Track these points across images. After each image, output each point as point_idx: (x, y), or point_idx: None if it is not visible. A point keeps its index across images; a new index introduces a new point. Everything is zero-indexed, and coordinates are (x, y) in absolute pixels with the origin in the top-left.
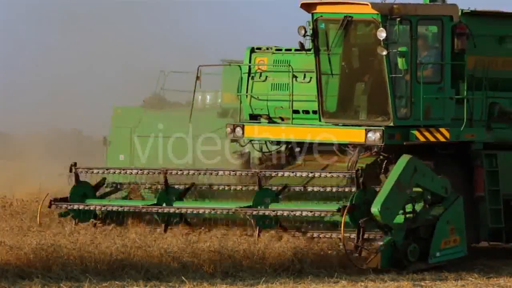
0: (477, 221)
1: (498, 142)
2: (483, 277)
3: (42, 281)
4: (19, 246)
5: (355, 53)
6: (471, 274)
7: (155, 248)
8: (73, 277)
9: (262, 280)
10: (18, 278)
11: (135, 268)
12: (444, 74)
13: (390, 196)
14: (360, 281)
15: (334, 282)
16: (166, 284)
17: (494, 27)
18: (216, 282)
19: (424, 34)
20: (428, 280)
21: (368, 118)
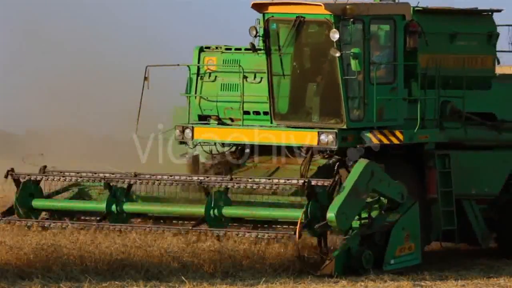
0: (429, 223)
1: (451, 142)
2: (483, 277)
3: (42, 281)
4: (19, 246)
5: (307, 54)
6: (471, 274)
7: (155, 248)
8: (73, 277)
9: (262, 280)
10: (18, 278)
11: (135, 268)
12: (397, 74)
13: (346, 201)
14: (360, 281)
15: (334, 282)
16: (166, 284)
17: (445, 24)
18: (216, 282)
19: (376, 33)
20: (428, 280)
21: (321, 120)
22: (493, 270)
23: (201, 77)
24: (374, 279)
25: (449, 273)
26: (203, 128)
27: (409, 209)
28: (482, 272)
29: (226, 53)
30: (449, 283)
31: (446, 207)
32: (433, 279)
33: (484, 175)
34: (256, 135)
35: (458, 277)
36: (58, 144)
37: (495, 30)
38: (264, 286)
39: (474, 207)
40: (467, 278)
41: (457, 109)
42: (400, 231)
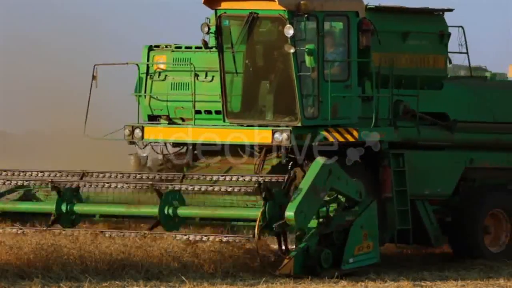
0: (384, 222)
1: (404, 141)
2: (483, 277)
3: (42, 281)
4: (19, 246)
5: (260, 51)
6: (471, 274)
7: (155, 248)
8: (73, 277)
9: (262, 280)
10: (18, 278)
11: (135, 268)
12: (351, 72)
13: (305, 199)
14: (360, 281)
15: (334, 282)
16: (166, 284)
17: (397, 23)
18: (216, 282)
19: (330, 30)
20: (428, 280)
21: (275, 118)
22: (493, 270)
23: (151, 76)
24: (374, 279)
25: (449, 273)
26: (154, 128)
27: (367, 207)
28: (482, 272)
29: (176, 52)
30: (449, 283)
31: (401, 206)
32: (433, 279)
33: (437, 176)
34: (208, 134)
35: (458, 277)
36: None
37: (446, 30)
38: (264, 286)
39: (427, 207)
40: (467, 278)
41: (410, 108)
42: (359, 230)
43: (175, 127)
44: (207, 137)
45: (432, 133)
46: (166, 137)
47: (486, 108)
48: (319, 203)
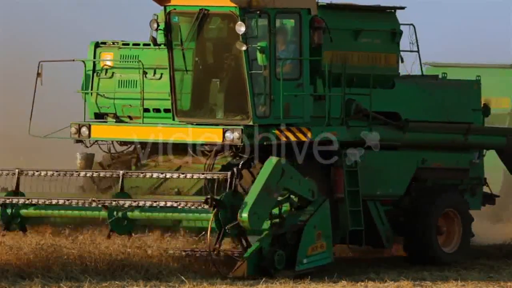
0: (336, 223)
1: (357, 141)
2: (483, 277)
3: (42, 281)
4: (19, 246)
5: (211, 48)
6: (471, 274)
7: (155, 248)
8: (73, 277)
9: (262, 280)
10: (18, 278)
11: (135, 268)
12: (303, 70)
13: (258, 200)
14: (360, 281)
15: (334, 282)
16: (166, 284)
17: (349, 21)
18: (216, 282)
19: (282, 28)
20: (428, 280)
21: (226, 116)
22: (493, 270)
23: (98, 73)
24: (374, 279)
25: (449, 273)
26: (100, 126)
27: (320, 206)
28: (482, 272)
29: (124, 49)
30: (449, 283)
31: (353, 207)
32: (433, 279)
33: (389, 176)
34: (157, 133)
35: (458, 277)
36: None
37: (398, 28)
38: (264, 286)
39: (379, 208)
40: (467, 278)
41: (362, 107)
42: (312, 230)
43: (122, 125)
44: (156, 136)
45: (384, 132)
46: (114, 135)
47: (438, 107)
48: (272, 204)
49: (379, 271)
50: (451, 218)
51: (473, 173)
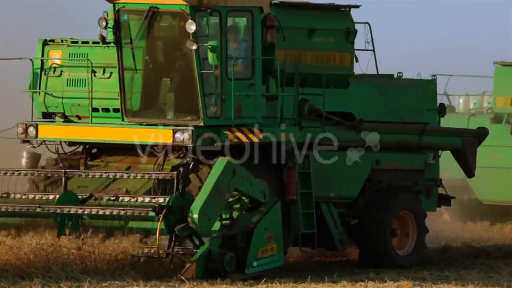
0: (288, 226)
1: (310, 141)
2: (483, 277)
3: (42, 281)
4: (19, 246)
5: (161, 47)
6: (471, 274)
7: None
8: (73, 277)
9: (263, 280)
10: (18, 278)
11: (135, 268)
12: (255, 70)
13: (208, 201)
14: (360, 281)
15: (334, 282)
16: (166, 284)
17: (303, 19)
18: (216, 282)
19: (234, 26)
20: (428, 280)
21: (176, 117)
22: (493, 270)
23: (46, 72)
24: (374, 279)
25: (449, 273)
26: (48, 126)
27: (271, 208)
28: (482, 272)
29: (73, 47)
30: (449, 283)
31: (306, 209)
32: (433, 279)
33: (342, 178)
34: (105, 133)
35: (458, 277)
36: None
37: (353, 26)
38: (264, 286)
39: (332, 210)
40: (467, 278)
41: (316, 108)
42: (263, 232)
43: (71, 125)
44: (105, 136)
45: (337, 133)
46: (62, 135)
47: (393, 107)
48: (223, 205)
49: (379, 271)
50: (405, 220)
51: (429, 174)
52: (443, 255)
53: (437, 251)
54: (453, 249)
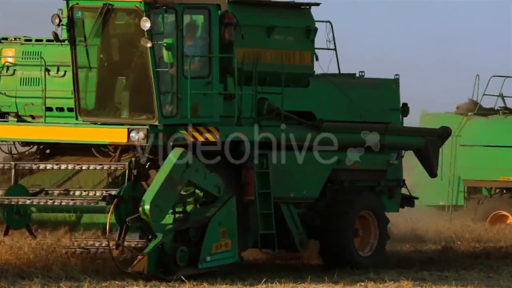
0: (247, 226)
1: (268, 141)
2: (483, 277)
3: (42, 281)
4: (19, 246)
5: (116, 45)
6: (471, 274)
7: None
8: (73, 277)
9: (263, 280)
10: (18, 278)
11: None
12: (212, 68)
13: (160, 192)
14: (360, 281)
15: (334, 282)
16: (166, 284)
17: (262, 17)
18: (216, 282)
19: (190, 24)
20: (428, 280)
21: (131, 116)
22: (493, 270)
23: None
24: (374, 279)
25: (449, 273)
26: (1, 126)
27: (225, 203)
28: (482, 272)
29: (26, 45)
30: (449, 283)
31: (264, 209)
32: (433, 279)
33: (303, 178)
34: (59, 133)
35: (458, 277)
36: None
37: (313, 25)
38: (264, 286)
39: (292, 211)
40: (467, 278)
41: (275, 107)
42: (216, 227)
43: (24, 125)
44: (59, 136)
45: (297, 133)
46: (15, 135)
47: (354, 107)
48: (175, 197)
49: (379, 271)
50: (367, 220)
51: (391, 175)
52: (443, 255)
53: (437, 251)
54: (453, 249)
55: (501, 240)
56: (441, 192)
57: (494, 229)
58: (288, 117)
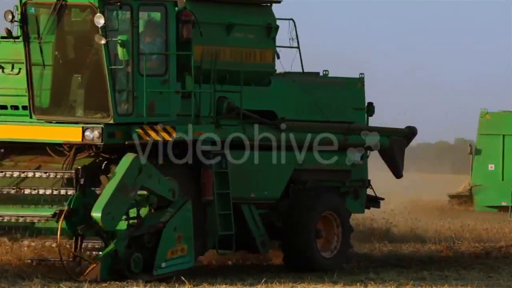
0: (205, 228)
1: (228, 140)
2: (483, 277)
3: (42, 281)
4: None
5: (70, 42)
6: (471, 274)
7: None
8: (72, 277)
9: (263, 281)
10: (18, 278)
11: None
12: (169, 66)
13: (112, 199)
14: (360, 281)
15: (334, 282)
16: (166, 284)
17: (221, 14)
18: (216, 282)
19: (146, 21)
20: (428, 280)
21: (86, 114)
22: (493, 270)
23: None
24: (374, 279)
25: (449, 273)
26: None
27: (180, 208)
28: (482, 272)
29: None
30: (449, 283)
31: (223, 210)
32: (433, 279)
33: (264, 178)
34: (14, 131)
35: (458, 277)
36: None
37: (274, 22)
38: (264, 286)
39: (253, 211)
40: (467, 278)
41: (235, 106)
42: (172, 232)
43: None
44: (13, 135)
45: (258, 132)
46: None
47: (317, 106)
48: (128, 203)
49: (379, 271)
50: (330, 221)
51: (356, 175)
52: (443, 255)
53: (437, 251)
54: (453, 249)
55: (501, 240)
56: (504, 193)
57: (494, 229)
58: (248, 116)
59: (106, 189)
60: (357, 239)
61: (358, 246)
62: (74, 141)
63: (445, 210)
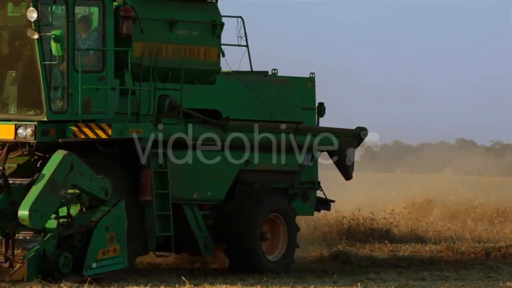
0: (144, 229)
1: (169, 140)
2: (483, 277)
3: (42, 281)
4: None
5: (3, 37)
6: (471, 274)
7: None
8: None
9: (263, 281)
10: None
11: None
12: (106, 62)
13: (41, 197)
14: (360, 281)
15: (334, 282)
16: (166, 284)
17: (163, 10)
18: (216, 282)
19: (83, 16)
20: (428, 280)
21: (19, 111)
22: (493, 270)
23: None
24: (374, 279)
25: (449, 273)
26: None
27: (113, 207)
28: (482, 272)
29: None
30: (449, 283)
31: (162, 211)
32: (433, 279)
33: (207, 178)
34: None
35: (458, 277)
36: None
37: (219, 19)
38: (264, 286)
39: (196, 212)
40: (467, 278)
41: (177, 104)
42: (103, 232)
43: None
44: None
45: (201, 131)
46: None
47: (263, 105)
48: (58, 201)
49: (379, 271)
50: (276, 223)
51: (305, 177)
52: (443, 255)
53: (437, 251)
54: (453, 249)
55: (501, 240)
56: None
57: (494, 229)
58: (191, 115)
59: (35, 187)
60: (357, 239)
61: (358, 246)
62: (7, 139)
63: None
